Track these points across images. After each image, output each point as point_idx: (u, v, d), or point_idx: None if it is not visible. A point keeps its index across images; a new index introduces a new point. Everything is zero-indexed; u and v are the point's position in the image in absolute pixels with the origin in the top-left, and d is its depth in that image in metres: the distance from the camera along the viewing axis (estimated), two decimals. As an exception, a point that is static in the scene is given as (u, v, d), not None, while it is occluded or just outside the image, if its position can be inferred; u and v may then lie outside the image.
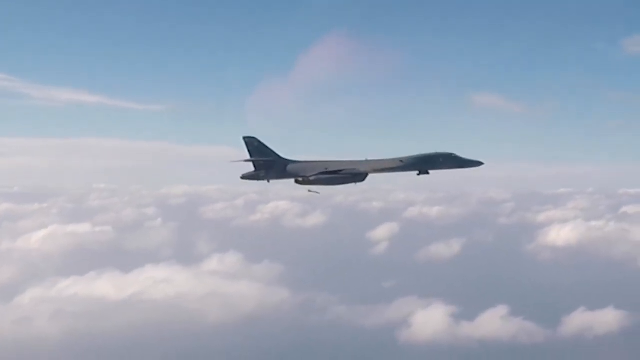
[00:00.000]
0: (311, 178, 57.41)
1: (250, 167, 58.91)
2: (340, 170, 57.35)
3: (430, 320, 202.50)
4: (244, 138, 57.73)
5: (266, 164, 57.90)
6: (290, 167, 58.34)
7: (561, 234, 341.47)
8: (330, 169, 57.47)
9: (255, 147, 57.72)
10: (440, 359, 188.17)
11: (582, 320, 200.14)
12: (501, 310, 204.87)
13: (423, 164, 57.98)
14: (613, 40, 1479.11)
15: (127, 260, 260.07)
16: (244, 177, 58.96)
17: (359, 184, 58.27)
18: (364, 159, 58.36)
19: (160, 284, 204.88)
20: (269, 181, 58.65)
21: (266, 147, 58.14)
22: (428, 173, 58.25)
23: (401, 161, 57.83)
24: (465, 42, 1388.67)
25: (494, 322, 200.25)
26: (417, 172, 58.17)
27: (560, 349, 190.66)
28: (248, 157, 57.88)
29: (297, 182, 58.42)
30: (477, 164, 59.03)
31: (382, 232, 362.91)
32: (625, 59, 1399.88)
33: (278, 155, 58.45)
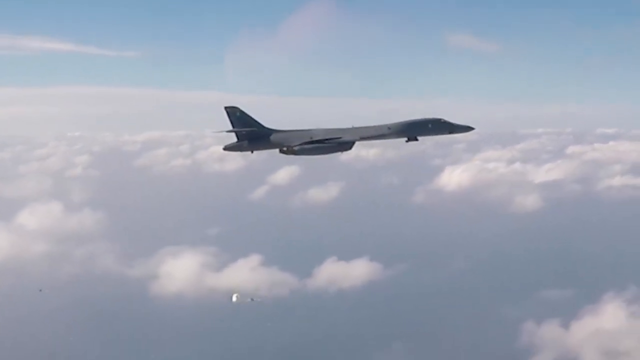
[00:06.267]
0: (296, 148, 55.84)
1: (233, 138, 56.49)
2: (326, 139, 55.82)
3: (180, 270, 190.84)
4: (226, 108, 55.92)
5: (249, 134, 56.02)
6: (273, 136, 56.72)
7: (453, 176, 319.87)
8: (315, 138, 56.08)
9: (237, 117, 55.81)
10: (185, 310, 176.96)
11: (331, 272, 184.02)
12: (254, 260, 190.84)
13: (411, 130, 56.98)
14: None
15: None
16: (226, 149, 57.09)
17: (345, 152, 57.03)
18: (350, 126, 56.92)
19: None
20: (252, 152, 57.01)
21: (249, 116, 56.31)
22: (417, 139, 57.44)
23: (389, 128, 56.92)
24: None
25: (243, 273, 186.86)
26: (406, 138, 57.21)
27: (301, 302, 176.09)
28: (230, 126, 56.04)
29: (281, 151, 56.96)
30: (467, 129, 58.28)
31: (280, 175, 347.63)
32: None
33: (261, 125, 56.84)
